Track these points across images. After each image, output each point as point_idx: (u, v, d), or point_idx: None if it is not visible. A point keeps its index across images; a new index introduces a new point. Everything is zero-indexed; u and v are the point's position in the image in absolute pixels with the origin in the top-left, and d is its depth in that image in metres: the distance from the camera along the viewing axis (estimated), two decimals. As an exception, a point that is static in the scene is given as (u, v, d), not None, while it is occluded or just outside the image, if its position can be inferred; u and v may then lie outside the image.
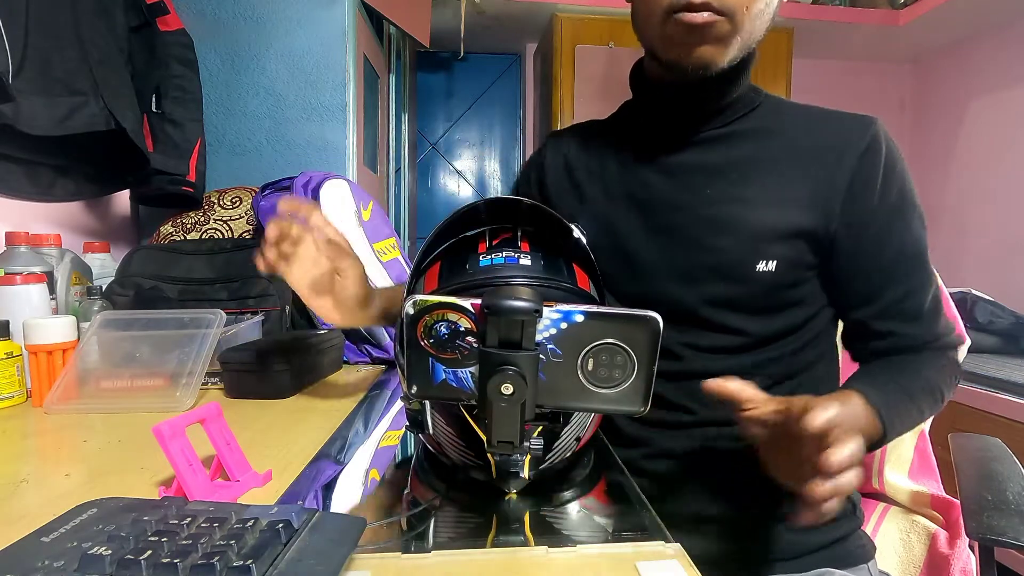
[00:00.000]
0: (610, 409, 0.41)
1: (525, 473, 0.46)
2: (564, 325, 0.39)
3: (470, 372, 0.40)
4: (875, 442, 0.56)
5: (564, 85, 2.32)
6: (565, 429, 0.48)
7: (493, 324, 0.38)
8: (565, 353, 0.39)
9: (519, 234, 0.51)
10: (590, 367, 0.39)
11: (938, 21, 2.32)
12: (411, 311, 0.39)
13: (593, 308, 0.39)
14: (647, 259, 0.66)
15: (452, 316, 0.39)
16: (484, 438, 0.43)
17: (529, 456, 0.45)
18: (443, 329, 0.39)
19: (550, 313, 0.38)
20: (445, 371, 0.40)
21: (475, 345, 0.39)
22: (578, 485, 0.53)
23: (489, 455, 0.45)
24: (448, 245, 0.53)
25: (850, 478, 0.45)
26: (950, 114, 2.63)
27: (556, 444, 0.49)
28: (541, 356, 0.39)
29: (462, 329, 0.39)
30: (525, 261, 0.50)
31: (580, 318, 0.38)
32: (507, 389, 0.38)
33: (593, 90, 2.33)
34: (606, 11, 2.30)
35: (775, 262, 0.62)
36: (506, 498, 0.50)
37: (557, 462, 0.50)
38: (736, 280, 0.63)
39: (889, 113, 2.87)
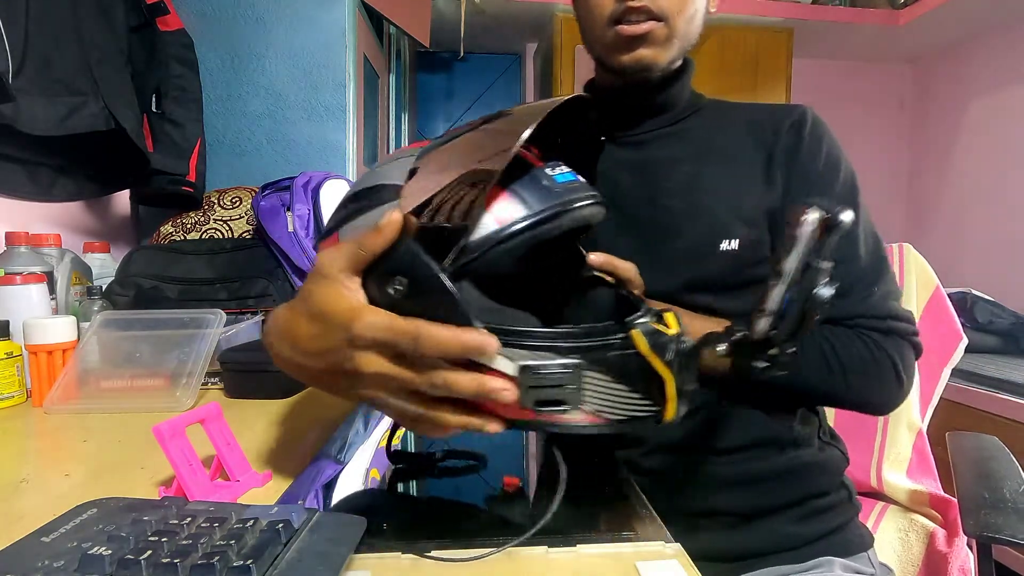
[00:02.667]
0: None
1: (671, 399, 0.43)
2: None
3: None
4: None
5: (564, 85, 2.31)
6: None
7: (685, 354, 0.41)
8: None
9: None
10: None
11: (938, 21, 2.32)
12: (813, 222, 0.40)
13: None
14: (623, 254, 0.67)
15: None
16: (670, 378, 0.42)
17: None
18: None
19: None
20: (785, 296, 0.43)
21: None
22: None
23: (673, 393, 0.42)
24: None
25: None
26: (950, 114, 2.63)
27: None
28: None
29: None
30: (581, 178, 0.47)
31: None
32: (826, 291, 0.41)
33: (593, 90, 2.33)
34: (606, 11, 2.29)
35: (737, 240, 0.65)
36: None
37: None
38: (702, 260, 0.66)
39: (889, 113, 2.88)
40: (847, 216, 0.39)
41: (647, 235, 0.69)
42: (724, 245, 0.65)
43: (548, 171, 0.45)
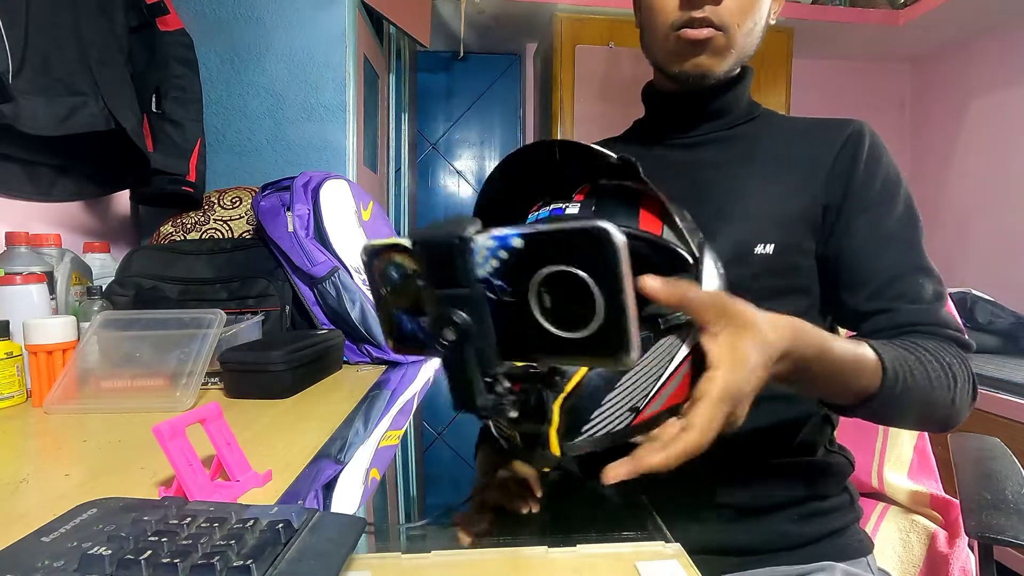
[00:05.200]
0: (588, 360, 0.33)
1: (553, 448, 0.37)
2: (504, 254, 0.31)
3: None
4: (872, 393, 0.54)
5: (564, 85, 2.31)
6: (609, 396, 0.40)
7: (423, 260, 0.33)
8: (515, 290, 0.32)
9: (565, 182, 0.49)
10: (547, 303, 0.31)
11: (938, 21, 2.32)
12: (364, 257, 0.36)
13: (532, 228, 0.31)
14: None
15: (398, 258, 0.34)
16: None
17: (555, 426, 0.38)
18: (394, 273, 0.35)
19: (485, 241, 0.31)
20: (407, 321, 0.36)
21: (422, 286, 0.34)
22: None
23: (507, 428, 0.39)
24: (498, 203, 0.51)
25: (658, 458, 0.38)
26: (950, 114, 2.63)
27: (596, 414, 0.40)
28: (490, 295, 0.32)
29: (409, 272, 0.34)
30: (572, 210, 0.46)
31: (518, 242, 0.31)
32: (449, 335, 0.32)
33: (593, 90, 2.33)
34: (606, 11, 2.30)
35: (772, 245, 0.65)
36: (546, 478, 0.45)
37: (603, 438, 0.41)
38: (737, 263, 0.64)
39: (889, 113, 2.88)
40: (417, 234, 0.33)
41: None
42: (759, 248, 0.65)
43: (533, 214, 0.49)
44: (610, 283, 0.29)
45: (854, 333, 0.67)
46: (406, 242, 0.33)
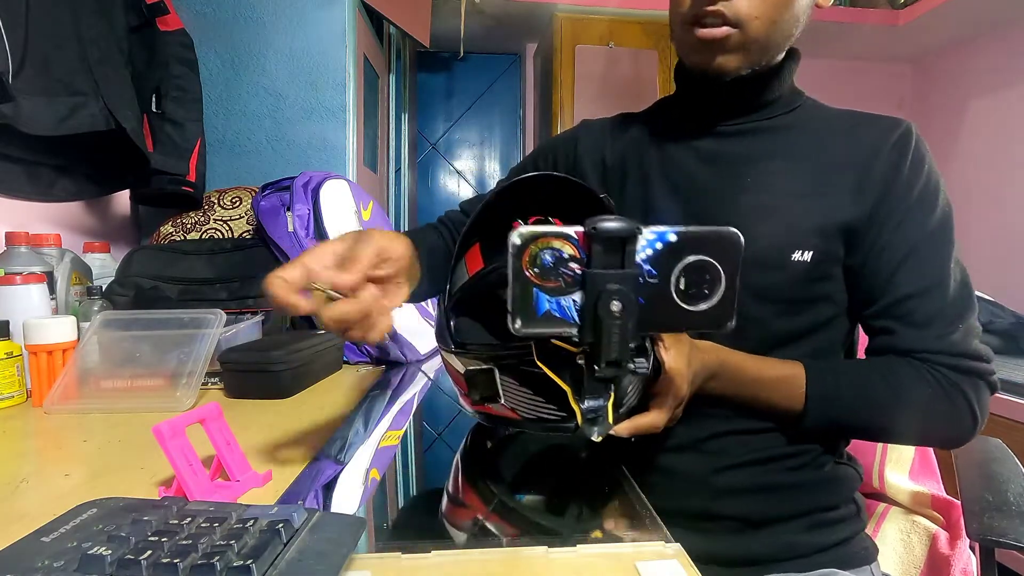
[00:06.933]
0: (701, 326, 0.43)
1: (609, 418, 0.47)
2: (659, 245, 0.41)
3: (573, 300, 0.42)
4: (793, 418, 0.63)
5: (564, 85, 2.31)
6: (632, 381, 0.52)
7: (597, 246, 0.40)
8: (660, 273, 0.41)
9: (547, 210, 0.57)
10: (682, 285, 0.41)
11: (938, 21, 2.32)
12: (518, 241, 0.40)
13: (683, 228, 0.41)
14: None
15: (556, 243, 0.41)
16: (567, 388, 0.47)
17: (612, 400, 0.47)
18: (547, 257, 0.41)
19: (647, 234, 0.41)
20: (548, 301, 0.42)
21: (578, 271, 0.41)
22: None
23: (574, 403, 0.47)
24: (483, 225, 0.58)
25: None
26: (950, 114, 2.63)
27: (626, 397, 0.52)
28: (639, 277, 0.41)
29: (565, 256, 0.41)
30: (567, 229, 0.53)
31: (673, 237, 0.41)
32: (616, 306, 0.40)
33: (593, 90, 2.33)
34: (606, 11, 2.30)
35: (811, 253, 0.62)
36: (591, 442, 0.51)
37: (626, 413, 0.54)
38: (770, 268, 0.63)
39: (889, 113, 2.87)
40: (597, 223, 0.40)
41: None
42: (796, 256, 0.62)
43: None
44: (732, 271, 0.41)
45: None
46: (568, 231, 0.40)
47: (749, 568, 0.64)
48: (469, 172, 2.93)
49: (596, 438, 0.49)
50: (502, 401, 0.53)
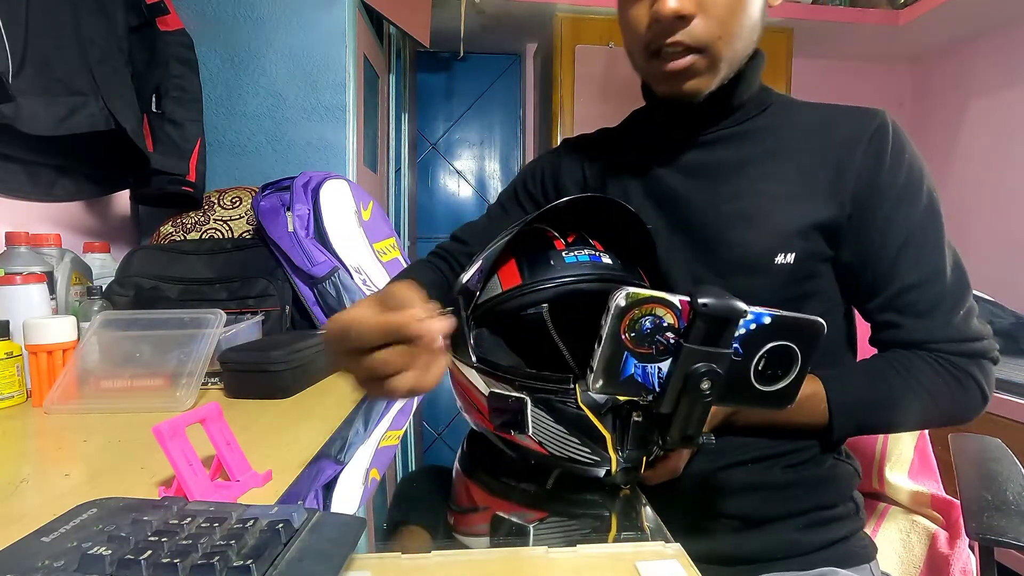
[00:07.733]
0: (766, 405, 0.43)
1: (642, 468, 0.48)
2: (753, 326, 0.40)
3: (659, 367, 0.41)
4: (820, 432, 0.63)
5: (564, 85, 2.31)
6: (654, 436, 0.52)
7: (700, 323, 0.39)
8: (746, 353, 0.41)
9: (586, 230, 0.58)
10: (761, 366, 0.41)
11: (938, 21, 2.32)
12: (623, 303, 0.39)
13: (777, 312, 0.41)
14: (670, 257, 0.67)
15: (660, 311, 0.40)
16: (607, 435, 0.47)
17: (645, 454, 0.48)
18: (647, 324, 0.40)
19: (747, 314, 0.41)
20: (636, 366, 0.41)
21: (673, 341, 0.40)
22: None
23: (612, 451, 0.48)
24: (516, 241, 0.56)
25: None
26: (950, 114, 2.63)
27: (655, 450, 0.53)
28: (730, 356, 0.41)
29: (665, 324, 0.40)
30: (607, 260, 0.56)
31: (768, 320, 0.41)
32: (705, 385, 0.40)
33: (593, 90, 2.33)
34: (606, 11, 2.29)
35: (793, 254, 0.62)
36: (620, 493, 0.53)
37: (652, 462, 0.55)
38: (755, 273, 0.63)
39: (889, 113, 2.88)
40: (706, 300, 0.39)
41: (701, 243, 0.66)
42: (779, 258, 0.62)
43: (563, 252, 0.56)
44: (808, 358, 0.41)
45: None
46: (674, 300, 0.40)
47: (748, 566, 0.64)
48: (469, 172, 2.93)
49: (625, 486, 0.50)
50: (529, 432, 0.51)
